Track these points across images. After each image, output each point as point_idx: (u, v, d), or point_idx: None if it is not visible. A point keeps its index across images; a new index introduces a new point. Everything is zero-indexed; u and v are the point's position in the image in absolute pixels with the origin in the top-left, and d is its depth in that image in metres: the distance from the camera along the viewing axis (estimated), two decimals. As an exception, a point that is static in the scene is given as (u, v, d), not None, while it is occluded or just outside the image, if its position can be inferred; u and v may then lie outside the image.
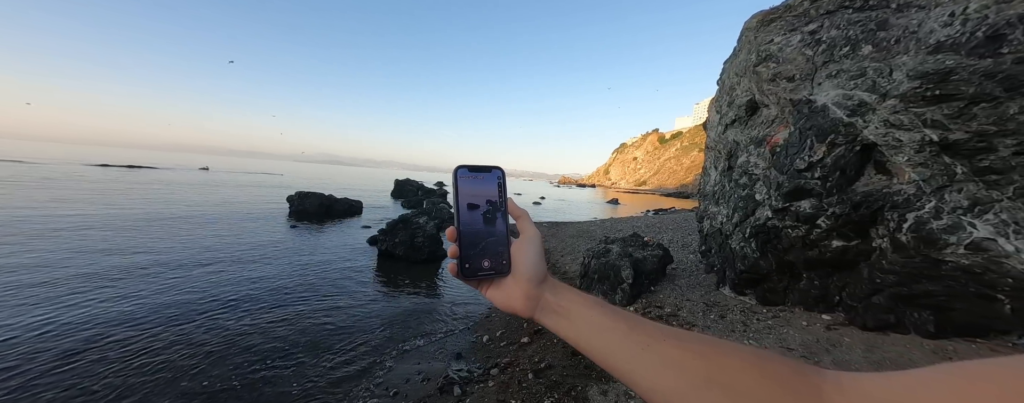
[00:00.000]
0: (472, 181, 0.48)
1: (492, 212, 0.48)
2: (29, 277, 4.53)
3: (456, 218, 0.48)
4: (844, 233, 2.78)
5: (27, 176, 15.67)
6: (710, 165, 5.60)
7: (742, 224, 3.67)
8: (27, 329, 3.31)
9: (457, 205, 0.47)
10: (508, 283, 0.47)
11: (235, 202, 13.16)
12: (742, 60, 4.42)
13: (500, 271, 0.47)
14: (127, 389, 2.63)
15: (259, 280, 5.11)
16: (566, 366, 3.02)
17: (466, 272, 0.47)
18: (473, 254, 0.47)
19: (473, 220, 0.48)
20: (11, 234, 6.18)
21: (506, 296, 0.47)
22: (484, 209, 0.48)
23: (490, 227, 0.48)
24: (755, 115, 4.16)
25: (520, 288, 0.46)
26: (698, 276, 4.65)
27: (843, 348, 2.50)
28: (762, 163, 3.60)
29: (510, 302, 0.47)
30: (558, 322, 0.44)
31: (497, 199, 0.49)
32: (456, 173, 0.48)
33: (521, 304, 0.46)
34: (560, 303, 0.45)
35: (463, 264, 0.47)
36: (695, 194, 31.96)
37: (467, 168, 0.49)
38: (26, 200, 9.58)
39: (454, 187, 0.48)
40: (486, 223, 0.48)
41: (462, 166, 0.48)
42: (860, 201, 2.65)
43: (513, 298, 0.47)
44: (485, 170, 0.49)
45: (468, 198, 0.48)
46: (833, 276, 2.97)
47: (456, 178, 0.48)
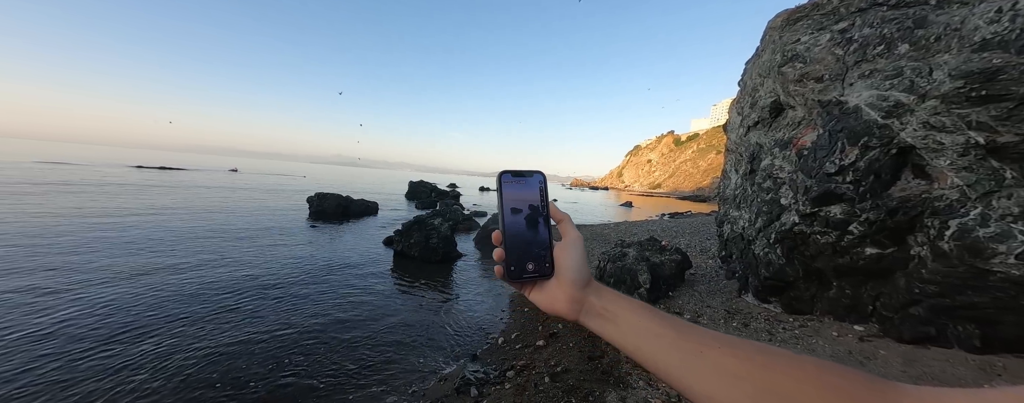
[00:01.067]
0: (515, 185, 0.49)
1: (534, 216, 0.49)
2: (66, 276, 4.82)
3: (501, 222, 0.48)
4: (878, 240, 2.65)
5: (82, 179, 16.72)
6: (730, 168, 5.45)
7: (766, 229, 3.56)
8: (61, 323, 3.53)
9: (502, 209, 0.48)
10: (552, 286, 0.48)
11: (261, 203, 13.66)
12: (766, 60, 4.30)
13: (544, 274, 0.48)
14: (161, 381, 2.76)
15: (279, 280, 5.28)
16: (583, 370, 2.99)
17: (512, 275, 0.48)
18: (518, 257, 0.48)
19: (517, 224, 0.48)
20: (88, 245, 6.59)
21: (550, 299, 0.48)
22: (527, 213, 0.49)
23: (533, 230, 0.49)
24: (780, 117, 4.03)
25: (564, 291, 0.47)
26: (718, 282, 4.52)
27: (878, 361, 2.38)
28: (788, 166, 3.48)
29: (554, 304, 0.47)
30: (603, 326, 0.45)
31: (539, 203, 0.50)
32: (500, 178, 0.49)
33: (565, 307, 0.46)
34: (605, 307, 0.45)
35: (509, 267, 0.47)
36: (713, 198, 31.24)
37: (511, 173, 0.50)
38: (92, 204, 10.22)
39: (499, 192, 0.49)
40: (529, 227, 0.49)
41: (506, 171, 0.50)
42: (896, 207, 2.53)
43: (557, 301, 0.47)
44: (527, 174, 0.50)
45: (512, 202, 0.49)
46: (866, 285, 2.84)
47: (500, 183, 0.49)
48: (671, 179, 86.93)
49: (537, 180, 0.50)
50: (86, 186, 13.81)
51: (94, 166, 25.53)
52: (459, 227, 10.02)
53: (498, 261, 0.48)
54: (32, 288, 4.20)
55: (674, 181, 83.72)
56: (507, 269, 0.47)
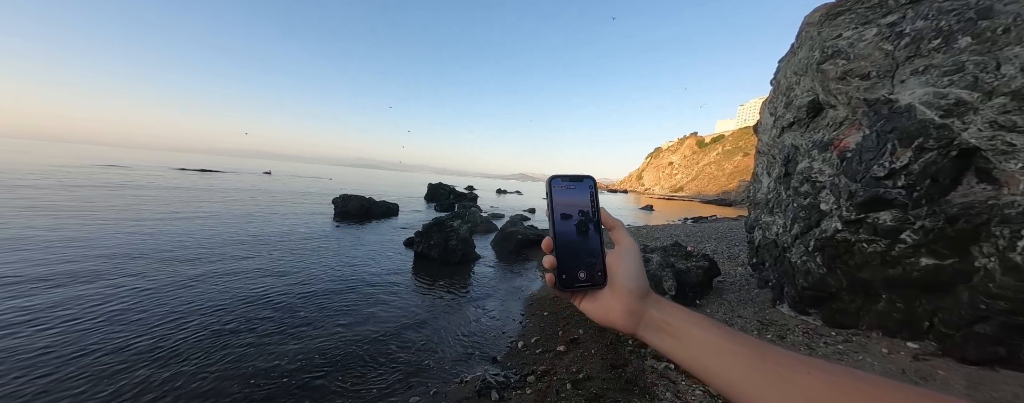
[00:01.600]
0: (565, 190, 0.48)
1: (585, 222, 0.47)
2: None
3: (552, 229, 0.47)
4: (936, 250, 2.43)
5: (134, 181, 18.15)
6: (762, 171, 5.19)
7: (803, 236, 3.35)
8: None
9: (552, 215, 0.47)
10: (605, 296, 0.46)
11: (292, 204, 14.31)
12: (802, 58, 4.08)
13: (596, 283, 0.46)
14: (201, 373, 2.92)
15: (306, 278, 5.49)
16: (606, 379, 2.91)
17: (563, 283, 0.46)
18: (569, 265, 0.46)
19: (568, 230, 0.47)
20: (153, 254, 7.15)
21: (604, 310, 0.46)
22: (577, 219, 0.47)
23: (583, 237, 0.47)
24: (818, 116, 3.80)
25: (620, 302, 0.44)
26: (750, 291, 4.29)
27: (938, 382, 2.17)
28: (828, 169, 3.27)
29: (608, 316, 0.45)
30: (664, 341, 0.42)
31: (590, 209, 0.48)
32: (550, 183, 0.48)
33: (622, 319, 0.44)
34: (667, 321, 0.42)
35: (560, 275, 0.46)
36: (740, 202, 29.98)
37: (561, 178, 0.48)
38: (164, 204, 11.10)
39: (549, 197, 0.47)
40: (580, 233, 0.47)
41: (556, 176, 0.48)
42: (958, 214, 2.31)
43: (612, 312, 0.45)
44: (577, 179, 0.49)
45: (562, 208, 0.47)
46: (921, 298, 2.60)
47: (550, 188, 0.48)
48: (694, 182, 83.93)
49: (588, 185, 0.48)
50: (139, 187, 14.99)
51: (143, 169, 27.68)
52: (477, 229, 10.09)
53: (548, 269, 0.47)
54: (97, 276, 4.57)
55: (697, 184, 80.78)
56: (558, 278, 0.46)
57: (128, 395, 2.57)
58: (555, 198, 0.47)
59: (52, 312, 3.67)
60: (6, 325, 3.33)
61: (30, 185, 12.26)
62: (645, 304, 0.44)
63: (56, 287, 4.26)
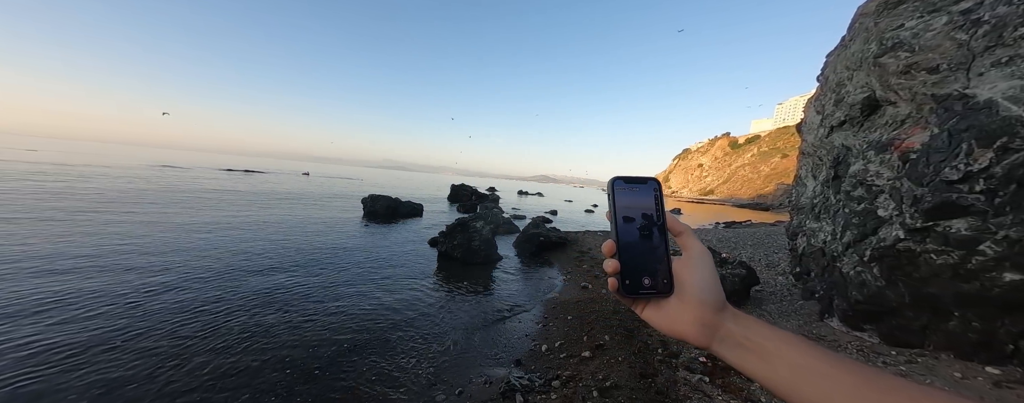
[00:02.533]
0: (628, 193, 0.46)
1: (648, 226, 0.46)
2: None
3: (614, 232, 0.46)
4: (1022, 264, 2.14)
5: (187, 181, 19.89)
6: (807, 173, 4.83)
7: (857, 245, 3.07)
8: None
9: (615, 218, 0.46)
10: (672, 305, 0.43)
11: (326, 203, 15.12)
12: (856, 51, 3.76)
13: (661, 290, 0.44)
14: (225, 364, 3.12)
15: (335, 275, 5.73)
16: (634, 388, 2.81)
17: (627, 289, 0.44)
18: (633, 270, 0.44)
19: (631, 234, 0.45)
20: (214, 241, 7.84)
21: (670, 319, 0.43)
22: (641, 222, 0.46)
23: (647, 242, 0.45)
24: (875, 114, 3.49)
25: (690, 312, 0.42)
26: (793, 302, 4.00)
27: (1026, 415, 1.90)
28: (887, 172, 2.98)
29: (676, 326, 0.43)
30: (745, 359, 0.39)
31: (654, 212, 0.46)
32: (612, 184, 0.46)
33: (693, 331, 0.41)
34: (748, 337, 0.39)
35: (624, 281, 0.44)
36: (778, 206, 28.08)
37: (623, 179, 0.47)
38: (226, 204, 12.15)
39: (611, 199, 0.46)
40: (643, 237, 0.45)
41: (618, 177, 0.47)
42: (1051, 223, 2.02)
43: (681, 323, 0.42)
44: (641, 182, 0.47)
45: (625, 211, 0.46)
46: (1003, 318, 2.30)
47: (612, 190, 0.46)
48: (726, 185, 79.71)
49: (652, 187, 0.47)
50: (192, 189, 16.39)
51: (193, 169, 30.26)
52: (499, 230, 10.13)
53: (611, 274, 0.45)
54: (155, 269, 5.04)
55: (729, 187, 76.66)
56: (621, 283, 0.44)
57: (188, 365, 2.79)
58: (618, 200, 0.46)
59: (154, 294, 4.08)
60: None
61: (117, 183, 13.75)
62: (722, 317, 0.41)
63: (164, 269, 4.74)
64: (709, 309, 0.41)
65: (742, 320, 0.41)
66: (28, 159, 22.44)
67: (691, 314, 0.42)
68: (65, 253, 5.28)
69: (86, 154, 38.31)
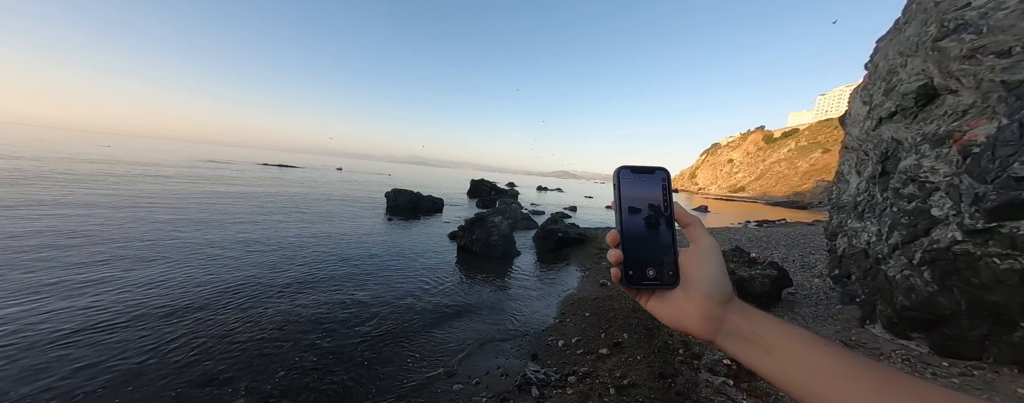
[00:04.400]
0: (634, 183, 0.46)
1: (656, 217, 0.45)
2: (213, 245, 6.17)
3: (619, 222, 0.45)
4: (1108, 271, 1.89)
5: (233, 176, 21.36)
6: (850, 169, 4.48)
7: (906, 246, 2.82)
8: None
9: (619, 208, 0.45)
10: (677, 297, 0.43)
11: (355, 197, 15.79)
12: (911, 35, 3.42)
13: (666, 282, 0.43)
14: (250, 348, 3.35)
15: (358, 268, 5.98)
16: (653, 388, 2.76)
17: (630, 280, 0.44)
18: (637, 261, 0.44)
19: (636, 224, 0.45)
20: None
21: (675, 312, 0.42)
22: (647, 213, 0.45)
23: (654, 233, 0.44)
24: (931, 104, 3.17)
25: (695, 305, 0.41)
26: (830, 306, 3.75)
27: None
28: (944, 167, 2.71)
29: (680, 319, 0.42)
30: (751, 354, 0.38)
31: (661, 203, 0.45)
32: (618, 174, 0.46)
33: (698, 324, 0.40)
34: (755, 332, 0.38)
35: (627, 271, 0.44)
36: (817, 204, 26.34)
37: (630, 169, 0.46)
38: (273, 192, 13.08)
39: (616, 189, 0.46)
40: (649, 228, 0.45)
41: (624, 167, 0.46)
42: None
43: (685, 315, 0.41)
44: (648, 171, 0.46)
45: (631, 201, 0.45)
46: (1081, 332, 2.05)
47: (618, 179, 0.46)
48: (758, 182, 75.34)
49: (660, 177, 0.46)
50: (239, 182, 17.61)
51: (236, 165, 32.47)
52: (518, 226, 10.16)
53: (614, 264, 0.45)
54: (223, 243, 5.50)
55: (762, 184, 72.40)
56: (624, 273, 0.44)
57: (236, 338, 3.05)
58: (623, 190, 0.45)
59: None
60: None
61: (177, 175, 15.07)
62: (727, 310, 0.40)
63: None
64: (714, 302, 0.40)
65: (749, 314, 0.40)
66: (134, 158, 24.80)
67: (696, 307, 0.41)
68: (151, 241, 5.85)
69: (143, 150, 42.03)
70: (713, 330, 0.40)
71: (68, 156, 20.70)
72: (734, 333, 0.39)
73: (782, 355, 0.36)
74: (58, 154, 21.39)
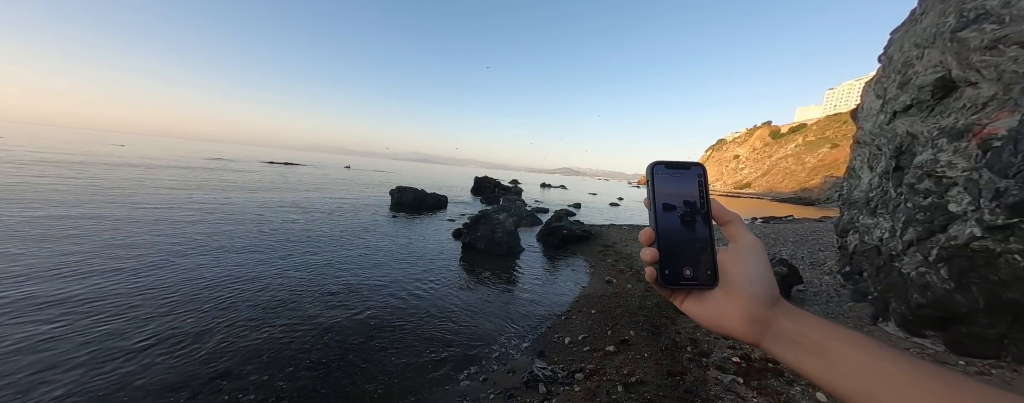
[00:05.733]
0: (669, 179, 0.44)
1: (692, 214, 0.43)
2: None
3: (652, 219, 0.43)
4: None
5: (239, 171, 21.58)
6: (861, 164, 4.39)
7: (921, 243, 2.76)
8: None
9: (654, 205, 0.43)
10: (717, 298, 0.41)
11: (361, 195, 15.87)
12: (928, 26, 3.32)
13: (703, 282, 0.42)
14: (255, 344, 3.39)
15: (364, 264, 6.02)
16: (661, 386, 2.74)
17: (666, 280, 0.42)
18: (673, 260, 0.42)
19: (671, 222, 0.43)
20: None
21: (715, 313, 0.40)
22: (682, 210, 0.43)
23: (690, 231, 0.43)
24: (949, 97, 3.09)
25: (738, 307, 0.39)
26: (841, 304, 3.70)
27: None
28: (962, 162, 2.64)
29: (722, 321, 0.40)
30: (803, 359, 0.36)
31: (697, 200, 0.43)
32: (652, 169, 0.44)
33: (742, 326, 0.38)
34: (807, 335, 0.36)
35: (663, 271, 0.42)
36: (826, 201, 26.00)
37: (664, 164, 0.44)
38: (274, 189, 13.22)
39: (650, 185, 0.44)
40: (685, 226, 0.43)
41: (659, 162, 0.44)
42: None
43: (727, 317, 0.39)
44: (684, 167, 0.45)
45: (665, 198, 0.43)
46: (1105, 331, 1.99)
47: (652, 175, 0.44)
48: (765, 178, 74.46)
49: (696, 173, 0.44)
50: (243, 180, 17.80)
51: (242, 161, 32.78)
52: (522, 223, 10.15)
53: (649, 263, 0.43)
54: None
55: (769, 180, 71.55)
56: (660, 273, 0.42)
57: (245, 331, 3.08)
58: (657, 187, 0.44)
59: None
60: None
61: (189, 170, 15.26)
62: (776, 312, 0.38)
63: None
64: (760, 303, 0.38)
65: (798, 316, 0.37)
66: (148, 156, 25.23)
67: (739, 308, 0.39)
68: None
69: (154, 148, 42.61)
70: (759, 333, 0.38)
71: (95, 158, 20.98)
72: (782, 336, 0.37)
73: (837, 359, 0.34)
74: (77, 155, 21.69)
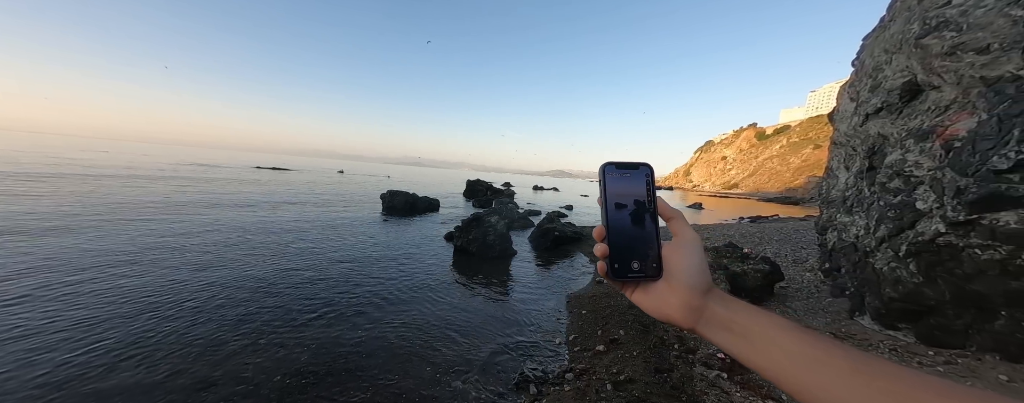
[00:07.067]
0: (619, 178, 0.47)
1: (640, 211, 0.46)
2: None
3: (604, 217, 0.47)
4: (1083, 260, 1.96)
5: (226, 177, 21.08)
6: (839, 165, 4.57)
7: (892, 239, 2.89)
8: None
9: (605, 204, 0.46)
10: (660, 289, 0.44)
11: (352, 200, 15.67)
12: (896, 32, 3.50)
13: (650, 274, 0.45)
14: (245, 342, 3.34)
15: (355, 268, 5.96)
16: (649, 383, 2.80)
17: (615, 273, 0.45)
18: (622, 255, 0.45)
19: (621, 219, 0.46)
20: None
21: (659, 303, 0.44)
22: (632, 208, 0.46)
23: (639, 227, 0.46)
24: (916, 100, 3.25)
25: (677, 296, 0.43)
26: (820, 299, 3.83)
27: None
28: (927, 162, 2.79)
29: (664, 309, 0.44)
30: (730, 341, 0.39)
31: (645, 198, 0.47)
32: (604, 170, 0.47)
33: (679, 313, 0.42)
34: (734, 319, 0.40)
35: (612, 264, 0.45)
36: (809, 200, 26.75)
37: (615, 165, 0.47)
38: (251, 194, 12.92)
39: (602, 185, 0.47)
40: (634, 223, 0.46)
41: (610, 163, 0.47)
42: (1118, 215, 1.84)
43: (668, 306, 0.43)
44: (633, 167, 0.47)
45: (616, 197, 0.46)
46: (1058, 319, 2.12)
47: (604, 175, 0.47)
48: (751, 178, 76.18)
49: (644, 173, 0.47)
50: (230, 185, 17.40)
51: (229, 167, 32.03)
52: (514, 225, 10.18)
53: (600, 257, 0.46)
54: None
55: (755, 181, 73.22)
56: (610, 267, 0.45)
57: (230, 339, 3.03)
58: (608, 186, 0.47)
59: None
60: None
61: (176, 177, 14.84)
62: (708, 299, 0.42)
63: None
64: (695, 292, 0.42)
65: (728, 302, 0.41)
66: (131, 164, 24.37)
67: (678, 297, 0.42)
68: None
69: (136, 154, 41.31)
70: (694, 319, 0.41)
71: (77, 164, 20.25)
72: (713, 321, 0.41)
73: (760, 341, 0.37)
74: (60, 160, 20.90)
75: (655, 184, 0.48)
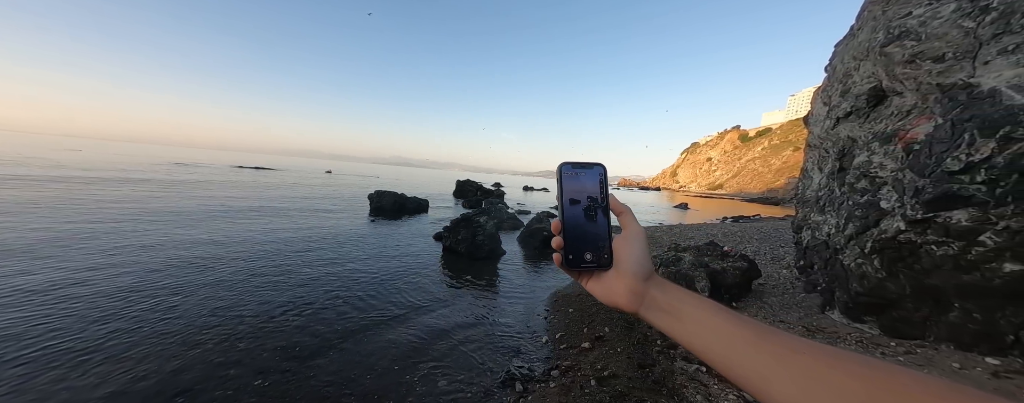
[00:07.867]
0: (575, 177, 0.50)
1: (593, 207, 0.50)
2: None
3: (560, 212, 0.50)
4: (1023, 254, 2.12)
5: (206, 177, 20.37)
6: (813, 166, 4.77)
7: (859, 237, 3.05)
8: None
9: (561, 200, 0.50)
10: (610, 277, 0.48)
11: (340, 200, 15.37)
12: (863, 40, 3.69)
13: (601, 264, 0.48)
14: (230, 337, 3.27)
15: (343, 269, 5.89)
16: (632, 377, 2.87)
17: (569, 263, 0.49)
18: (576, 247, 0.49)
19: (576, 214, 0.50)
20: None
21: (608, 290, 0.48)
22: (586, 204, 0.50)
23: (592, 221, 0.49)
24: (881, 105, 3.43)
25: (623, 283, 0.46)
26: (795, 295, 4.00)
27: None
28: (890, 163, 2.95)
29: (612, 296, 0.47)
30: (665, 320, 0.43)
31: (599, 195, 0.50)
32: (561, 169, 0.51)
33: (625, 299, 0.46)
34: (669, 302, 0.44)
35: (567, 255, 0.49)
36: (788, 200, 27.60)
37: (571, 165, 0.51)
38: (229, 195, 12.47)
39: (558, 182, 0.50)
40: (588, 217, 0.49)
41: (566, 163, 0.51)
42: (1054, 213, 2.00)
43: (615, 292, 0.47)
44: (587, 166, 0.51)
45: (571, 193, 0.50)
46: (1004, 309, 2.29)
47: (560, 174, 0.50)
48: (735, 179, 78.32)
49: (597, 172, 0.51)
50: (213, 184, 16.81)
51: (209, 166, 30.98)
52: (504, 226, 10.20)
53: (557, 249, 0.50)
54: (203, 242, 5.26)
55: (739, 181, 75.31)
56: (565, 257, 0.49)
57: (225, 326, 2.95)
58: (565, 184, 0.50)
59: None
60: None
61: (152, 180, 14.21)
62: (648, 285, 0.45)
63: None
64: (638, 279, 0.45)
65: (665, 287, 0.45)
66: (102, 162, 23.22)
67: (623, 284, 0.46)
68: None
69: (114, 154, 39.45)
70: (636, 303, 0.45)
71: (52, 163, 19.20)
72: (653, 305, 0.44)
73: (687, 320, 0.41)
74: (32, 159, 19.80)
75: (608, 182, 0.51)
